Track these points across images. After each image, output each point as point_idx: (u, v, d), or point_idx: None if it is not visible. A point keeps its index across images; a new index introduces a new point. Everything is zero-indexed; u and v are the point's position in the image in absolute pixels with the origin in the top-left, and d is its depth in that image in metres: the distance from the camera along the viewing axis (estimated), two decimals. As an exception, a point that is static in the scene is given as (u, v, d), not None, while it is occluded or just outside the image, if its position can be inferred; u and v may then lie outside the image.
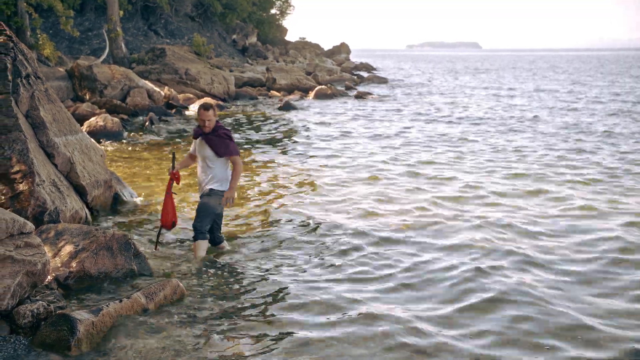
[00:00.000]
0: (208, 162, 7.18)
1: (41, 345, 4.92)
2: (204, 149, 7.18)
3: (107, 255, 6.55)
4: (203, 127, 7.11)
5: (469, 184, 11.61)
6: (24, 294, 5.38)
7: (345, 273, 7.06)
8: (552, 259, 7.54)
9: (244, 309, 5.99)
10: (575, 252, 7.82)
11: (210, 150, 7.13)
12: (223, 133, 7.15)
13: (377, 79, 48.06)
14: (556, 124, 20.94)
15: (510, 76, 57.36)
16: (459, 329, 5.65)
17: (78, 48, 38.48)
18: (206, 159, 7.19)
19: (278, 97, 32.13)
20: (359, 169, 13.16)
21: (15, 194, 7.47)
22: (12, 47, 8.28)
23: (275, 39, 70.69)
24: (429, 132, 19.19)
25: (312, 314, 5.92)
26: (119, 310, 5.41)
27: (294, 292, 6.41)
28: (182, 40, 46.40)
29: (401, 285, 6.71)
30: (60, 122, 8.97)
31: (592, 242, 8.21)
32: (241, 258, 7.51)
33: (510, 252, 7.68)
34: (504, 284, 6.65)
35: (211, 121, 7.09)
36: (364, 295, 6.40)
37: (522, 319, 5.82)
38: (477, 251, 7.76)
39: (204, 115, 7.06)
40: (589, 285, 6.79)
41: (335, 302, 6.21)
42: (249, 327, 5.59)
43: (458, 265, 7.26)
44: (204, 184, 7.26)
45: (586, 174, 12.51)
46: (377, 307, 6.10)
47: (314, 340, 5.35)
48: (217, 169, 7.18)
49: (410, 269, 7.20)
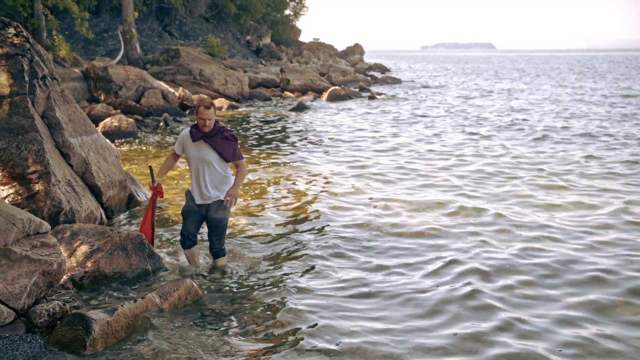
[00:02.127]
0: (210, 167, 6.56)
1: (57, 344, 4.96)
2: (205, 152, 6.54)
3: (122, 255, 6.60)
4: (202, 126, 6.47)
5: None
6: (40, 294, 5.43)
7: (361, 276, 7.05)
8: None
9: (258, 310, 6.00)
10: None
11: (215, 154, 6.54)
12: (229, 135, 6.61)
13: (391, 79, 47.98)
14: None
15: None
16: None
17: (93, 49, 38.78)
18: (209, 163, 6.56)
19: (292, 98, 32.17)
20: (373, 171, 13.13)
21: (32, 194, 7.53)
22: (29, 49, 8.35)
23: (289, 40, 70.82)
24: (443, 135, 19.13)
25: (327, 317, 5.92)
26: (134, 310, 5.44)
27: (310, 294, 6.42)
28: (197, 41, 46.61)
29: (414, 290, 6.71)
30: (76, 122, 9.04)
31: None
32: (256, 259, 7.51)
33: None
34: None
35: (212, 120, 6.48)
36: (380, 301, 6.40)
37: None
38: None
39: (205, 114, 6.42)
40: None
41: (351, 306, 6.21)
42: (263, 328, 5.60)
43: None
44: (204, 191, 6.61)
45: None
46: (393, 313, 6.10)
47: (329, 341, 5.36)
48: (220, 173, 6.63)
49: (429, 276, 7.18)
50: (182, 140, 6.69)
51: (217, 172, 6.59)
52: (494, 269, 7.16)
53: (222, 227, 6.75)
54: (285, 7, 71.34)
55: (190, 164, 6.68)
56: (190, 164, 6.68)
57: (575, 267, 7.23)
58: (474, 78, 55.18)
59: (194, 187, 6.71)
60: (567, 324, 5.78)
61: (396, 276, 7.02)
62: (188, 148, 6.63)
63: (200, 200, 6.67)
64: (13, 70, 8.00)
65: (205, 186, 6.60)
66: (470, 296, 6.37)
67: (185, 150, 6.68)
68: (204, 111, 6.42)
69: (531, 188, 11.28)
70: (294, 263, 7.40)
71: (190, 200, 6.75)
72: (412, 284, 6.81)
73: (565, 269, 7.19)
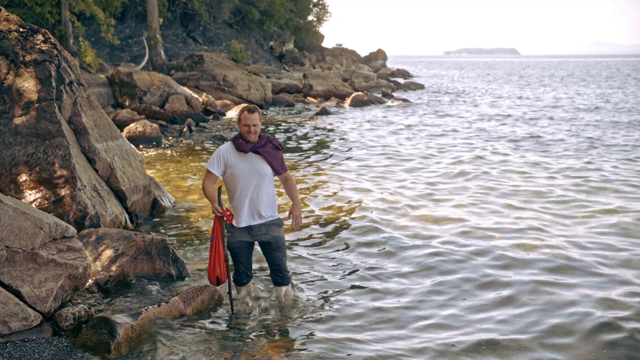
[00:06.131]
0: (265, 181, 5.75)
1: (82, 347, 5.01)
2: (260, 164, 5.73)
3: (146, 259, 6.65)
4: (247, 134, 5.66)
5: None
6: (66, 297, 5.50)
7: (391, 282, 7.03)
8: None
9: (282, 315, 6.00)
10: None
11: (268, 166, 5.75)
12: (278, 144, 5.86)
13: (414, 85, 47.86)
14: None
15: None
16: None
17: (119, 55, 39.25)
18: (264, 177, 5.75)
19: (314, 104, 32.22)
20: (401, 178, 13.07)
21: (58, 198, 7.63)
22: (56, 55, 8.48)
23: (312, 46, 71.04)
24: (466, 140, 19.02)
25: (345, 323, 5.91)
26: (158, 314, 5.48)
27: (334, 300, 6.40)
28: (220, 47, 46.96)
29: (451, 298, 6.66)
30: (101, 128, 9.14)
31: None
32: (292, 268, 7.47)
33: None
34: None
35: (257, 126, 5.68)
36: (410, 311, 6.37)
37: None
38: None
39: (249, 119, 5.64)
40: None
41: (378, 314, 6.18)
42: (287, 334, 5.60)
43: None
44: (260, 209, 5.75)
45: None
46: (426, 322, 6.07)
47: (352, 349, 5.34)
48: (271, 188, 5.83)
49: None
50: (223, 156, 5.74)
51: (270, 186, 5.82)
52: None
53: (284, 246, 5.96)
54: (309, 13, 71.63)
55: (236, 180, 5.72)
56: (236, 180, 5.72)
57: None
58: (501, 85, 54.79)
59: (242, 208, 5.73)
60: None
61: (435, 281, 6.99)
62: (235, 163, 5.71)
63: (250, 221, 5.77)
64: (41, 76, 8.12)
65: (261, 204, 5.74)
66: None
67: (230, 166, 5.72)
68: (248, 116, 5.66)
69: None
70: (319, 269, 7.38)
71: (235, 231, 5.81)
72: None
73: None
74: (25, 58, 8.20)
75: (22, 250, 5.16)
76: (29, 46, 8.33)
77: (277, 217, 5.88)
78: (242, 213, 5.73)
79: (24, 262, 5.18)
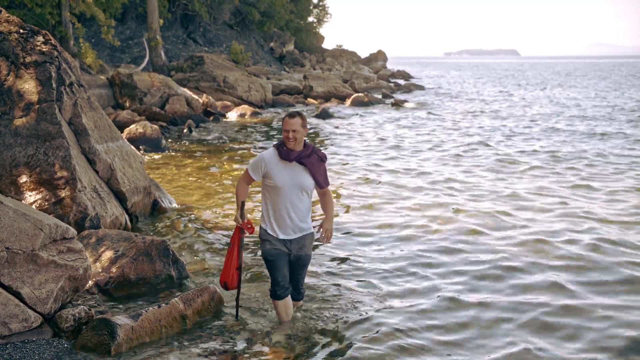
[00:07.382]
0: (304, 194, 5.45)
1: (82, 348, 5.02)
2: (303, 176, 5.39)
3: (146, 260, 6.66)
4: (287, 140, 5.27)
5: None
6: (66, 299, 5.50)
7: (399, 290, 7.03)
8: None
9: (286, 323, 5.98)
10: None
11: (311, 179, 5.43)
12: (323, 155, 5.50)
13: (414, 86, 47.88)
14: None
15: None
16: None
17: (119, 56, 39.27)
18: (305, 190, 5.43)
19: (315, 105, 32.23)
20: (404, 179, 13.08)
21: (58, 199, 7.63)
22: (56, 56, 8.48)
23: (312, 47, 71.06)
24: (466, 141, 19.03)
25: (349, 329, 5.90)
26: (158, 315, 5.48)
27: (341, 309, 6.39)
28: (220, 48, 46.98)
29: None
30: (102, 129, 9.15)
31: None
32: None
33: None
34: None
35: (297, 133, 5.25)
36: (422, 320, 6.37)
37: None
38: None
39: (288, 124, 5.24)
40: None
41: (386, 321, 6.18)
42: (287, 336, 5.59)
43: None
44: (298, 222, 5.46)
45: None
46: (445, 331, 6.07)
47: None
48: (310, 201, 5.55)
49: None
50: (265, 162, 5.37)
51: (309, 200, 5.52)
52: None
53: (307, 266, 5.75)
54: (309, 14, 71.66)
55: (277, 192, 5.38)
56: (277, 192, 5.38)
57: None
58: (502, 86, 54.81)
59: (278, 219, 5.44)
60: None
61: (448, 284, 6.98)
62: (275, 172, 5.34)
63: (286, 234, 5.47)
64: (41, 77, 8.12)
65: (300, 218, 5.45)
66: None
67: (270, 175, 5.36)
68: (287, 121, 5.26)
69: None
70: (319, 270, 7.38)
71: (272, 239, 5.49)
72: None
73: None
74: (25, 59, 8.21)
75: (23, 252, 5.16)
76: (29, 47, 8.33)
77: (311, 229, 5.58)
78: (282, 225, 5.43)
79: (24, 264, 5.18)
